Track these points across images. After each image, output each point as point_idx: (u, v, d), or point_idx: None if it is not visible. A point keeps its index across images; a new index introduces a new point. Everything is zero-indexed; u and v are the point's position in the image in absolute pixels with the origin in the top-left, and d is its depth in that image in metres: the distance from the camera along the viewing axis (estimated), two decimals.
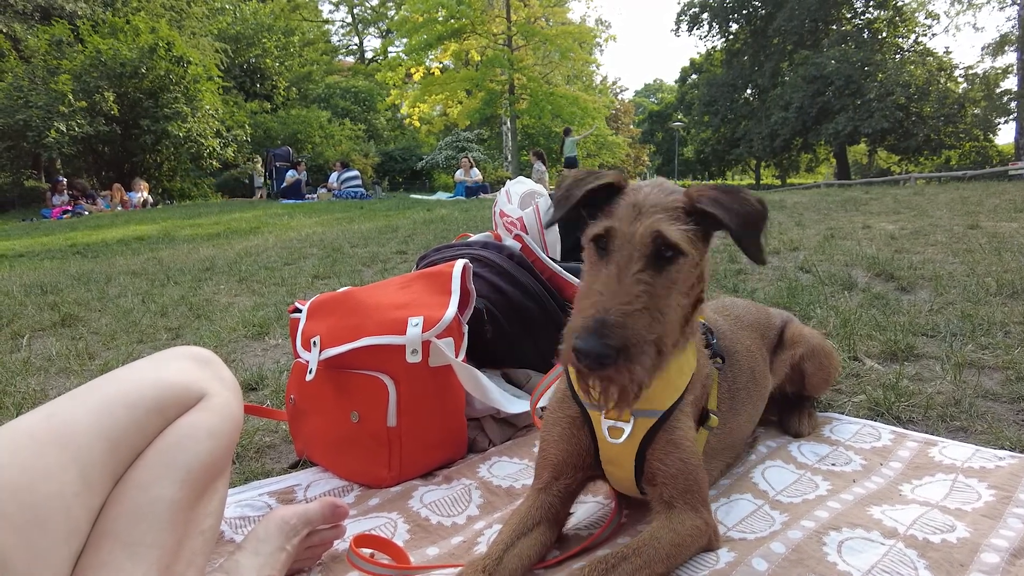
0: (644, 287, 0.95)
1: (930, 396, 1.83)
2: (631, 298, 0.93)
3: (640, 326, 0.92)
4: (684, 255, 0.99)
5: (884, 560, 1.08)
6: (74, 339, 3.16)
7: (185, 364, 1.22)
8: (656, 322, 0.95)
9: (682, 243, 0.98)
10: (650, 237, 0.98)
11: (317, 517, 1.18)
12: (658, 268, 0.98)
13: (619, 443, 1.14)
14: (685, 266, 1.00)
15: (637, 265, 0.97)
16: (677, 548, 1.06)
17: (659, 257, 0.98)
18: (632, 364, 0.91)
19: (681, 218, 1.01)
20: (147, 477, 0.99)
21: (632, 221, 1.00)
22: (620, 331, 0.90)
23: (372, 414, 1.48)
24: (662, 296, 0.97)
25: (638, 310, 0.93)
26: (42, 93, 17.04)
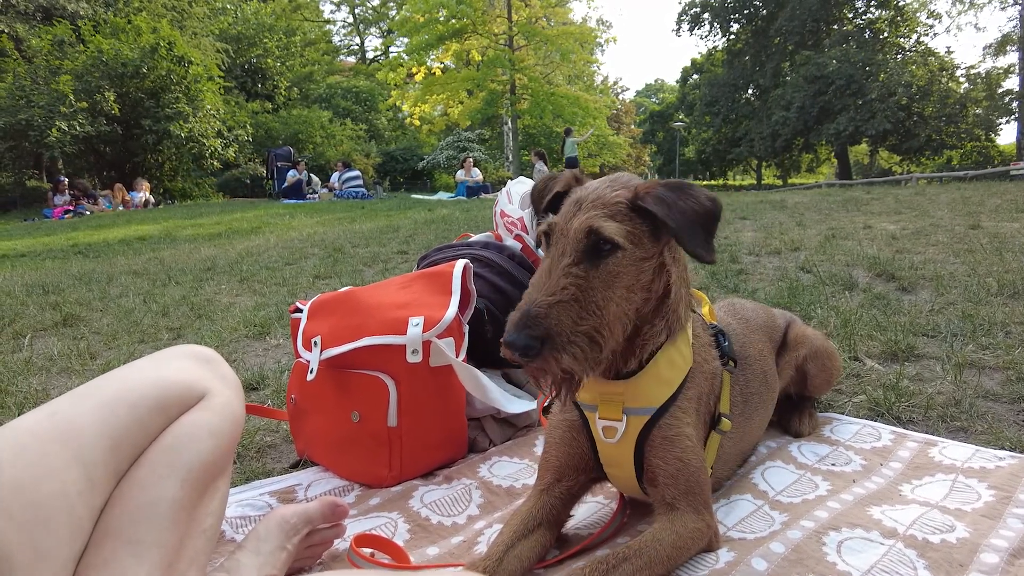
0: (573, 279, 0.96)
1: (930, 396, 1.84)
2: (556, 290, 0.95)
3: (565, 317, 0.94)
4: (621, 249, 1.00)
5: (884, 560, 1.08)
6: (76, 339, 3.16)
7: (187, 363, 1.22)
8: (589, 314, 0.96)
9: (617, 237, 0.99)
10: (583, 232, 0.99)
11: (317, 516, 1.18)
12: (594, 262, 0.99)
13: (614, 443, 1.14)
14: (624, 261, 1.01)
15: (568, 259, 0.98)
16: (678, 550, 1.06)
17: (596, 251, 0.99)
18: (558, 353, 0.93)
19: (623, 214, 1.02)
20: (149, 476, 0.99)
21: (570, 217, 1.02)
22: (543, 321, 0.93)
23: (373, 414, 1.49)
24: (598, 289, 0.98)
25: (564, 301, 0.95)
26: (44, 93, 17.07)
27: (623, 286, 1.01)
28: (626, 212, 1.02)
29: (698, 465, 1.12)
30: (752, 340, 1.44)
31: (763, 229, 5.73)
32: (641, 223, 1.03)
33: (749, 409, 1.37)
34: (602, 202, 1.02)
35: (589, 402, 1.17)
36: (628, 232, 1.01)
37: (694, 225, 1.00)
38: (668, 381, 1.13)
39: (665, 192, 1.02)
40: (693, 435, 1.14)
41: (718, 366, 1.26)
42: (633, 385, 1.12)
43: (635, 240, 1.02)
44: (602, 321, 0.98)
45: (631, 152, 44.29)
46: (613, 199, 1.03)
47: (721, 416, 1.24)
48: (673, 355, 1.14)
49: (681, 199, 1.01)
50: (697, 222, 1.00)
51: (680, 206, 1.00)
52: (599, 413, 1.15)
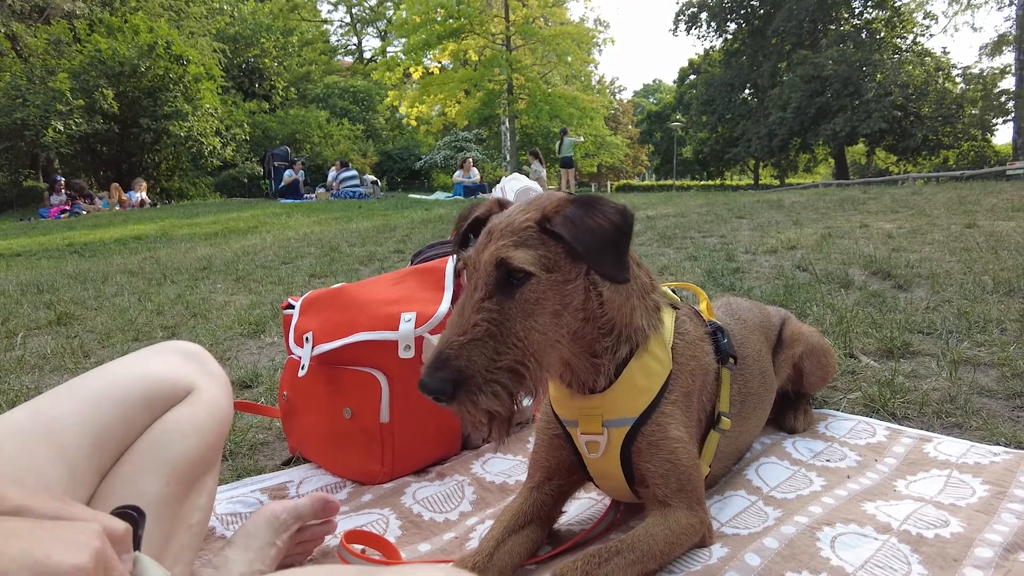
0: (486, 314, 0.92)
1: (926, 393, 1.83)
2: (468, 327, 0.91)
3: (478, 355, 0.90)
4: (533, 277, 0.95)
5: (878, 555, 1.08)
6: (69, 337, 3.15)
7: (173, 358, 1.21)
8: (508, 347, 0.92)
9: (527, 265, 0.94)
10: (492, 264, 0.95)
11: (308, 512, 1.17)
12: (508, 293, 0.95)
13: (598, 456, 1.13)
14: (540, 287, 0.96)
15: (480, 293, 0.94)
16: (671, 545, 1.05)
17: (508, 282, 0.95)
18: (474, 395, 0.89)
19: (534, 239, 0.97)
20: (133, 471, 0.98)
21: (482, 249, 0.98)
22: (455, 363, 0.89)
23: (365, 410, 1.48)
24: (516, 320, 0.94)
25: (477, 339, 0.91)
26: (40, 92, 17.03)
27: (546, 313, 0.97)
28: (537, 236, 0.97)
29: (689, 463, 1.11)
30: (750, 340, 1.43)
31: (760, 228, 5.73)
32: (555, 245, 0.98)
33: (747, 408, 1.36)
34: (511, 229, 0.97)
35: (569, 418, 1.15)
36: (541, 257, 0.96)
37: (603, 244, 0.95)
38: (645, 389, 1.10)
39: (573, 211, 0.97)
40: (682, 435, 1.12)
41: (711, 362, 1.24)
42: (609, 398, 1.10)
43: (550, 264, 0.97)
44: (525, 352, 0.93)
45: (628, 152, 44.33)
46: (523, 224, 0.98)
47: (721, 415, 1.22)
48: (647, 362, 1.11)
49: (589, 217, 0.96)
50: (606, 240, 0.95)
51: (588, 224, 0.95)
52: (580, 428, 1.13)
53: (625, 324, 1.09)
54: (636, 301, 1.11)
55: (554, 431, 1.20)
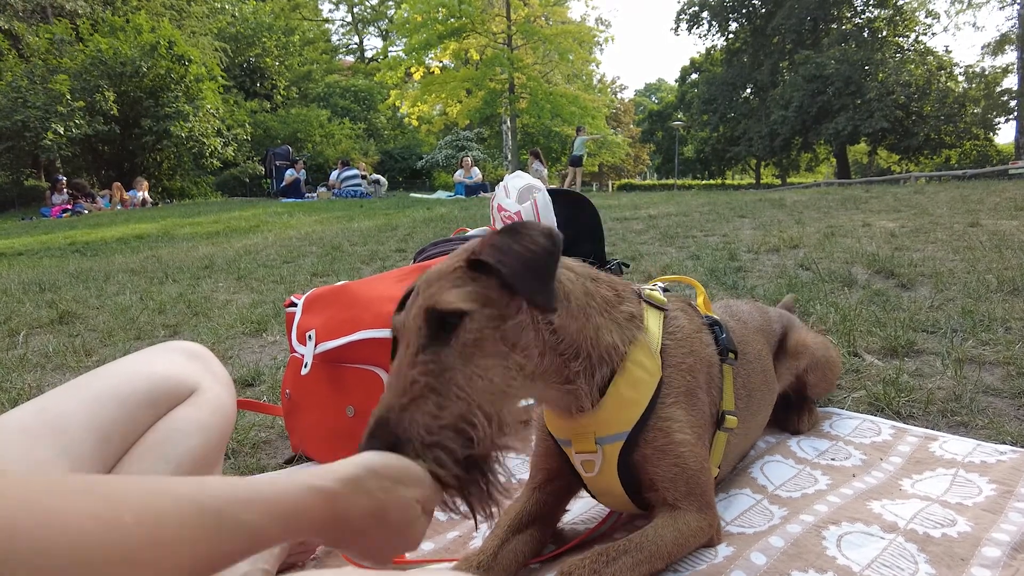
0: (421, 368, 0.85)
1: (930, 391, 1.82)
2: (406, 385, 0.84)
3: (420, 415, 0.82)
4: (467, 314, 0.88)
5: (884, 554, 1.07)
6: (71, 336, 3.15)
7: (177, 358, 1.21)
8: (451, 400, 0.84)
9: (458, 303, 0.88)
10: (421, 317, 0.89)
11: None
12: (443, 341, 0.87)
13: (595, 475, 1.11)
14: (477, 325, 0.88)
15: (412, 349, 0.88)
16: (679, 546, 1.04)
17: (441, 329, 0.88)
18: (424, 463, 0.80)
19: (463, 278, 0.91)
20: (137, 470, 0.98)
21: (410, 307, 0.93)
22: (392, 428, 0.82)
23: (368, 408, 1.45)
24: (456, 368, 0.86)
25: (416, 397, 0.83)
26: (40, 93, 17.04)
27: (489, 355, 0.89)
28: (467, 274, 0.91)
29: (697, 466, 1.08)
30: (751, 340, 1.41)
31: (762, 227, 5.72)
32: (487, 279, 0.91)
33: (753, 405, 1.34)
34: (438, 276, 0.93)
35: (562, 437, 1.13)
36: (471, 292, 0.90)
37: (527, 268, 0.89)
38: (634, 401, 1.07)
39: (500, 238, 0.92)
40: (687, 438, 1.08)
41: (712, 353, 1.20)
42: (600, 416, 1.07)
43: (485, 300, 0.90)
44: (470, 404, 0.84)
45: (630, 151, 44.30)
46: (449, 268, 0.93)
47: (725, 414, 1.20)
48: (633, 374, 1.07)
49: (515, 242, 0.90)
50: (532, 264, 0.89)
51: (514, 250, 0.89)
52: (573, 447, 1.11)
53: (591, 346, 1.02)
54: (600, 319, 1.05)
55: (549, 443, 1.19)
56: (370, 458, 0.77)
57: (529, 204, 2.03)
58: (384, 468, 0.76)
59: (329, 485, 0.68)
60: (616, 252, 4.62)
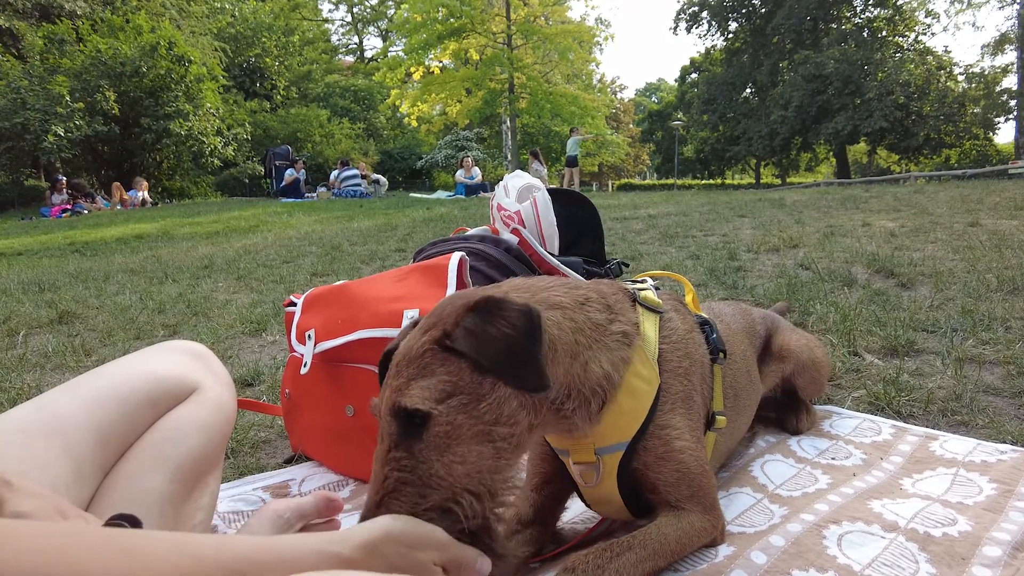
0: (394, 465, 0.84)
1: (931, 391, 1.82)
2: (380, 484, 0.84)
3: (397, 507, 0.82)
4: (431, 415, 0.84)
5: (885, 553, 1.07)
6: (71, 336, 3.15)
7: (177, 357, 1.21)
8: (431, 488, 0.83)
9: (421, 405, 0.83)
10: (389, 413, 0.86)
11: (311, 511, 1.16)
12: (416, 436, 0.84)
13: (594, 486, 1.10)
14: (447, 419, 0.84)
15: (385, 444, 0.86)
16: (682, 545, 1.03)
17: (413, 424, 0.85)
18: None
19: (434, 363, 0.86)
20: (137, 469, 0.98)
21: (382, 393, 0.90)
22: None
23: (367, 408, 1.47)
24: (432, 460, 0.83)
25: (390, 492, 0.83)
26: (40, 95, 17.03)
27: (466, 440, 0.85)
28: (437, 358, 0.87)
29: (699, 469, 1.08)
30: (734, 340, 1.40)
31: (761, 227, 5.72)
32: (459, 361, 0.86)
33: (739, 404, 1.34)
34: (408, 359, 0.88)
35: (561, 448, 1.12)
36: (440, 384, 0.85)
37: (511, 354, 0.85)
38: (634, 411, 1.05)
39: (473, 320, 0.86)
40: (687, 443, 1.08)
41: (704, 353, 1.20)
42: (598, 429, 1.05)
43: (452, 389, 0.85)
44: (451, 489, 0.83)
45: (630, 151, 44.31)
46: (420, 350, 0.87)
47: (715, 415, 1.20)
48: (632, 385, 1.05)
49: (490, 325, 0.85)
50: (513, 348, 0.85)
51: (491, 334, 0.85)
52: (572, 457, 1.10)
53: (580, 384, 0.98)
54: (589, 353, 1.00)
55: (545, 449, 1.18)
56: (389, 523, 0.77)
57: (529, 203, 2.03)
58: (402, 534, 0.77)
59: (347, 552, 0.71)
60: (616, 252, 4.62)
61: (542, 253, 1.94)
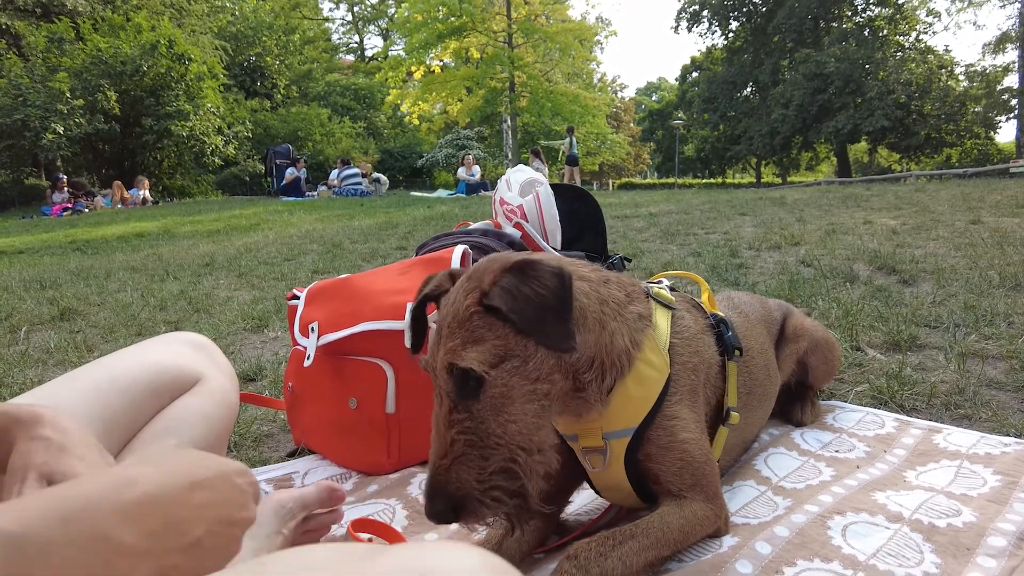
0: (459, 428, 0.89)
1: (934, 385, 1.82)
2: (447, 448, 0.89)
3: (466, 472, 0.88)
4: (486, 377, 0.89)
5: (889, 544, 1.07)
6: (72, 332, 3.15)
7: (180, 348, 1.21)
8: (492, 450, 0.89)
9: (476, 367, 0.88)
10: (446, 372, 0.90)
11: (314, 501, 1.17)
12: (473, 395, 0.90)
13: (602, 470, 1.11)
14: (501, 381, 0.90)
15: (446, 407, 0.91)
16: (685, 534, 1.03)
17: (468, 383, 0.89)
18: (476, 512, 0.88)
19: (480, 326, 0.91)
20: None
21: (435, 351, 0.93)
22: (446, 488, 0.88)
23: (370, 400, 1.47)
24: (489, 421, 0.89)
25: (459, 456, 0.88)
26: (40, 92, 17.03)
27: (517, 400, 0.91)
28: (483, 321, 0.91)
29: (703, 459, 1.08)
30: (753, 332, 1.41)
31: (763, 225, 5.71)
32: (503, 326, 0.91)
33: (753, 400, 1.34)
34: (457, 320, 0.92)
35: (568, 433, 1.13)
36: (492, 349, 0.90)
37: (542, 312, 0.89)
38: (642, 398, 1.07)
39: (510, 280, 0.90)
40: (691, 435, 1.09)
41: (713, 355, 1.21)
42: (606, 413, 1.07)
43: (504, 352, 0.90)
44: (511, 448, 0.90)
45: (630, 150, 44.28)
46: (467, 312, 0.91)
47: (730, 411, 1.21)
48: (642, 371, 1.07)
49: (525, 284, 0.89)
50: (545, 307, 0.89)
51: (525, 294, 0.89)
52: (580, 442, 1.11)
53: (606, 353, 1.02)
54: (614, 324, 1.04)
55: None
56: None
57: (531, 198, 2.03)
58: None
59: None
60: (617, 249, 4.62)
61: (545, 247, 1.94)
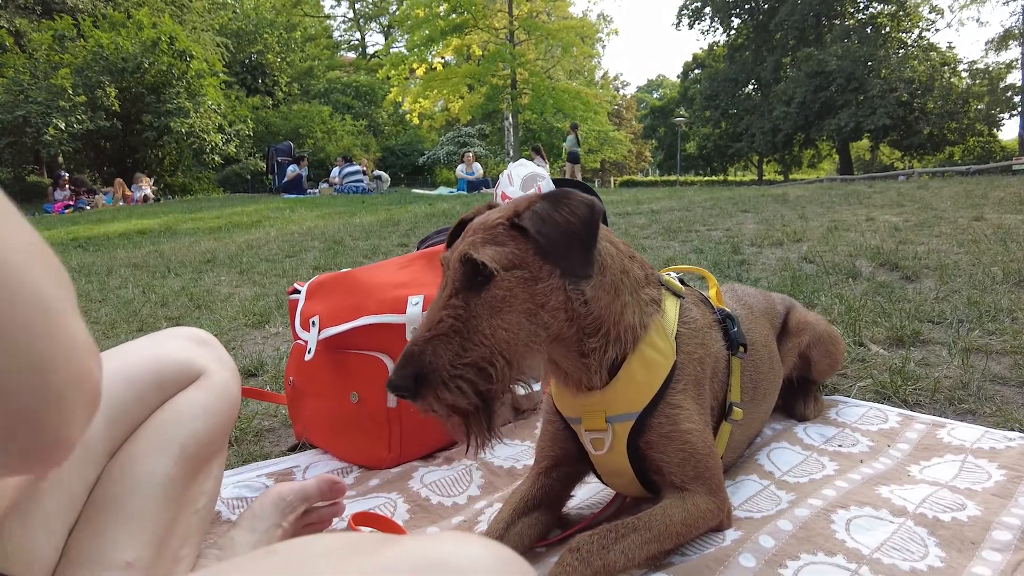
0: (451, 311, 0.92)
1: (937, 380, 1.81)
2: (433, 324, 0.91)
3: (443, 351, 0.89)
4: (496, 274, 0.93)
5: (893, 538, 1.06)
6: None
7: (183, 343, 1.20)
8: (474, 344, 0.91)
9: (489, 262, 0.92)
10: (458, 261, 0.95)
11: (314, 494, 1.16)
12: (476, 291, 0.93)
13: (604, 453, 1.10)
14: (506, 285, 0.93)
15: (448, 290, 0.94)
16: (688, 527, 1.03)
17: (476, 279, 0.93)
18: (436, 391, 0.88)
19: (504, 236, 0.96)
20: (143, 451, 0.97)
21: (456, 245, 0.98)
22: (418, 358, 0.89)
23: (372, 394, 1.46)
24: (482, 317, 0.92)
25: (441, 335, 0.90)
26: (42, 88, 17.01)
27: (515, 311, 0.94)
28: (507, 233, 0.96)
29: (705, 451, 1.08)
30: (757, 326, 1.41)
31: (765, 222, 5.70)
32: (525, 242, 0.96)
33: (758, 395, 1.34)
34: (484, 226, 0.97)
35: (572, 415, 1.13)
36: (509, 254, 0.94)
37: (568, 238, 0.93)
38: (647, 383, 1.07)
39: (542, 205, 0.95)
40: (695, 425, 1.08)
41: (720, 349, 1.20)
42: (610, 394, 1.07)
43: (518, 262, 0.94)
44: (491, 350, 0.91)
45: (632, 148, 44.21)
46: (494, 221, 0.97)
47: (732, 405, 1.20)
48: (647, 354, 1.07)
49: (556, 210, 0.94)
50: (571, 233, 0.93)
51: (554, 219, 0.93)
52: (583, 425, 1.11)
53: (614, 323, 1.04)
54: (628, 297, 1.06)
55: (558, 424, 1.18)
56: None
57: (533, 192, 2.02)
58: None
59: None
60: None
61: None
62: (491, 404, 0.92)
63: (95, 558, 0.85)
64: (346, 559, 0.45)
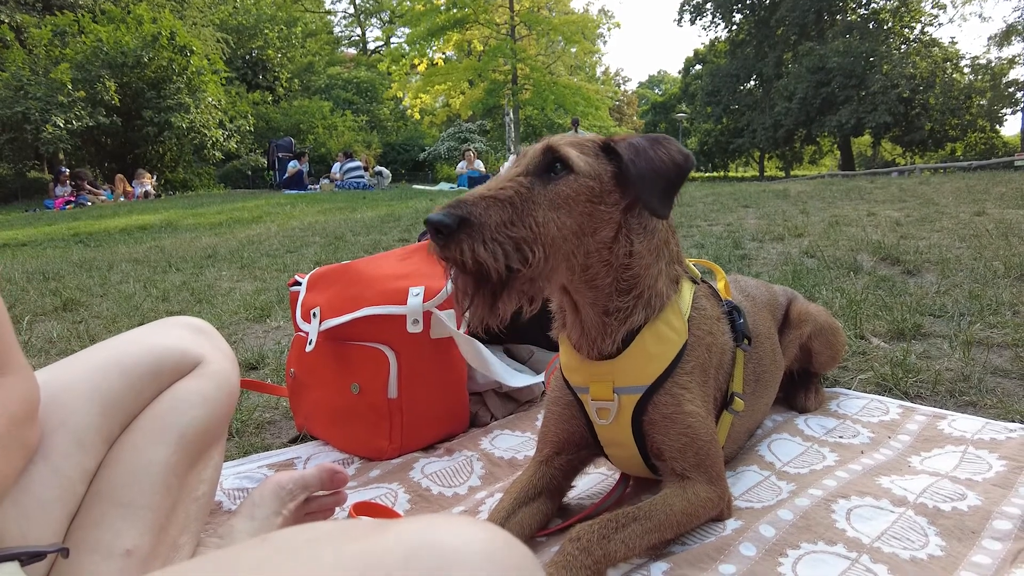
0: (515, 185, 0.94)
1: (938, 372, 1.81)
2: (495, 188, 0.93)
3: (494, 212, 0.90)
4: (573, 172, 0.97)
5: (894, 527, 1.06)
6: (75, 322, 3.15)
7: (180, 332, 1.20)
8: (522, 224, 0.91)
9: (572, 159, 0.97)
10: (540, 149, 0.99)
11: (315, 483, 1.16)
12: (544, 180, 0.97)
13: (608, 423, 1.11)
14: (575, 186, 0.97)
15: (520, 168, 0.98)
16: (688, 517, 1.03)
17: (548, 170, 0.97)
18: (473, 241, 0.87)
19: (590, 150, 1.02)
20: (141, 440, 0.97)
21: (537, 143, 1.03)
22: (468, 207, 0.89)
23: (373, 385, 1.46)
24: (540, 205, 0.94)
25: (498, 198, 0.91)
26: (41, 84, 16.96)
27: (573, 215, 0.97)
28: (594, 150, 1.02)
29: (707, 438, 1.08)
30: (759, 317, 1.41)
31: (766, 217, 5.69)
32: (607, 164, 1.01)
33: (760, 387, 1.34)
34: (573, 138, 1.02)
35: (580, 384, 1.13)
36: (588, 162, 0.99)
37: (657, 175, 0.97)
38: (658, 356, 1.07)
39: (639, 140, 1.01)
40: (698, 409, 1.09)
41: (727, 341, 1.21)
42: (620, 363, 1.07)
43: (593, 174, 0.99)
44: (536, 237, 0.92)
45: None
46: (587, 139, 1.03)
47: (734, 396, 1.20)
48: (661, 330, 1.08)
49: (653, 148, 1.00)
50: (661, 173, 0.98)
51: (649, 154, 0.98)
52: (591, 394, 1.11)
53: (648, 285, 1.07)
54: (663, 266, 1.09)
55: (565, 400, 1.18)
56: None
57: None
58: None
59: None
60: None
61: None
62: (511, 284, 0.91)
63: (95, 546, 0.85)
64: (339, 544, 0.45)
